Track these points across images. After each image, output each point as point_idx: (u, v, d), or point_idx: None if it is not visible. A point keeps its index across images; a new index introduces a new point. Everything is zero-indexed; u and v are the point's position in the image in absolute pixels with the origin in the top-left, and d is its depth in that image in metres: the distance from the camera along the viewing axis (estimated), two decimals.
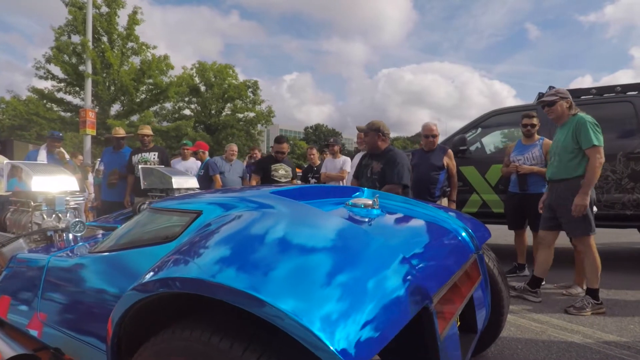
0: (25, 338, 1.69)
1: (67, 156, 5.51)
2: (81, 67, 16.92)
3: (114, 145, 5.41)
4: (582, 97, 4.61)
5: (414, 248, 1.34)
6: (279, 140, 4.79)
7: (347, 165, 5.20)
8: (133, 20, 18.10)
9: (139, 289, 0.97)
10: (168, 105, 26.50)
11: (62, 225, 2.24)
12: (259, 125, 32.84)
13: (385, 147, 3.29)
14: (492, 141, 6.70)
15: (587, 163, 2.90)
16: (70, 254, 1.75)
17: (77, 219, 2.22)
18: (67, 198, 2.39)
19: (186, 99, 29.57)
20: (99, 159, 11.01)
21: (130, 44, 18.49)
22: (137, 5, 17.99)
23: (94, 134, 14.81)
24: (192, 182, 3.32)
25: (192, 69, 30.02)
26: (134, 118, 19.65)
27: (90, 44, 15.44)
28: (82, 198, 2.47)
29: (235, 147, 5.76)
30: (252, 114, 31.45)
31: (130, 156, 5.16)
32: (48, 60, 16.51)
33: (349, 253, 1.02)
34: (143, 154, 5.13)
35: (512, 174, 4.02)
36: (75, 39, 17.16)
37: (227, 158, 5.64)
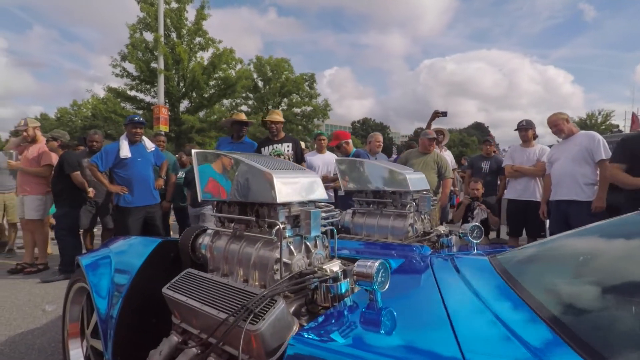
0: None
1: (151, 145, 4.32)
2: (153, 64, 16.83)
3: (232, 134, 4.43)
4: None
5: None
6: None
7: (546, 155, 3.83)
8: (200, 15, 17.73)
9: None
10: (226, 102, 26.37)
11: (337, 267, 1.15)
12: (315, 120, 32.06)
13: None
14: None
15: None
16: None
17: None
18: (323, 214, 1.31)
19: (243, 94, 29.37)
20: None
21: (197, 39, 18.17)
22: None
23: (167, 130, 14.56)
24: (425, 182, 2.16)
25: (249, 64, 29.73)
26: (201, 114, 19.43)
27: (162, 39, 15.23)
28: (336, 213, 1.39)
29: (380, 137, 4.62)
30: (309, 108, 30.76)
31: (259, 148, 4.18)
32: (123, 58, 16.54)
33: None
34: (274, 145, 4.12)
35: None
36: (147, 36, 17.09)
37: (372, 150, 4.49)
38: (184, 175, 5.09)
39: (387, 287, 1.10)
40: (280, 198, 1.21)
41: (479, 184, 4.42)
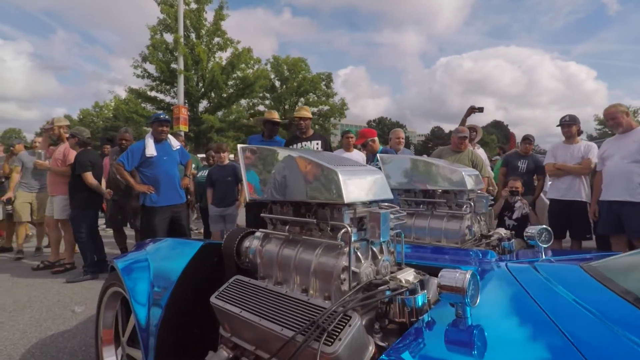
0: None
1: (177, 143, 4.20)
2: (173, 65, 17.00)
3: (264, 132, 4.29)
4: None
5: None
6: None
7: (594, 152, 3.58)
8: (219, 15, 17.82)
9: None
10: (243, 101, 26.46)
11: (412, 276, 1.00)
12: (331, 119, 31.98)
13: None
14: None
15: None
16: None
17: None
18: (392, 216, 1.15)
19: (260, 94, 29.43)
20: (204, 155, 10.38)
21: (216, 39, 18.27)
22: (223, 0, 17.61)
23: (187, 130, 14.65)
24: (480, 180, 1.98)
25: (266, 64, 29.77)
26: (219, 114, 19.52)
27: (182, 40, 15.32)
28: (402, 214, 1.24)
29: (401, 133, 4.47)
30: (326, 108, 30.71)
31: (286, 146, 4.05)
32: (144, 59, 16.74)
33: None
34: (303, 142, 3.98)
35: None
36: (168, 37, 17.28)
37: (393, 147, 4.31)
38: (206, 174, 5.01)
39: (478, 301, 0.94)
40: (348, 198, 1.06)
41: (519, 182, 4.15)
